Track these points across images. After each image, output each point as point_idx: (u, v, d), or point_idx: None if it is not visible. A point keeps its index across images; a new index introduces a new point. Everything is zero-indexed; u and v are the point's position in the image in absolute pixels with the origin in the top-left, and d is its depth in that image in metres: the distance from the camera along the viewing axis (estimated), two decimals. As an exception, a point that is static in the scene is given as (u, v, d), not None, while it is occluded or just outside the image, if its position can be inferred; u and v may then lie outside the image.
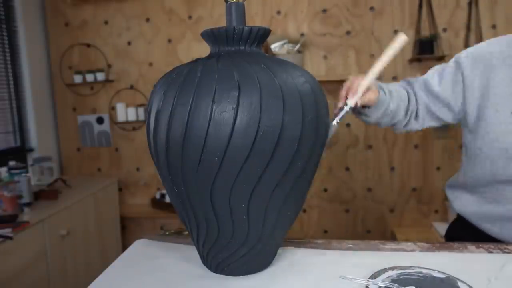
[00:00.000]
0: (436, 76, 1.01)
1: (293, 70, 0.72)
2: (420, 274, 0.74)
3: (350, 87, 0.92)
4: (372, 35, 2.57)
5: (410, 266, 0.76)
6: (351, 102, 0.90)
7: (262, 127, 0.64)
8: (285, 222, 0.77)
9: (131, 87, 2.82)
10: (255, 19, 2.65)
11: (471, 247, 0.88)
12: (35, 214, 1.88)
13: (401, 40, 0.91)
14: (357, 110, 0.99)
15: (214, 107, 0.64)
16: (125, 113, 2.78)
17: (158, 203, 2.76)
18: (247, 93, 0.64)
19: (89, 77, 2.77)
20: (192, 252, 0.87)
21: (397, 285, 0.70)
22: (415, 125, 1.06)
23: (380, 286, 0.70)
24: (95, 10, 2.80)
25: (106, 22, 2.80)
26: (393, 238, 2.61)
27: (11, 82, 2.55)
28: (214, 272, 0.81)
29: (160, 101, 0.70)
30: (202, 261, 0.84)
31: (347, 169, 2.70)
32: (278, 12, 2.65)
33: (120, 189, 2.89)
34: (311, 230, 2.79)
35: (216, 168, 0.66)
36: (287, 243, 0.93)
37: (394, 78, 2.57)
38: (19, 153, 2.56)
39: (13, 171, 1.99)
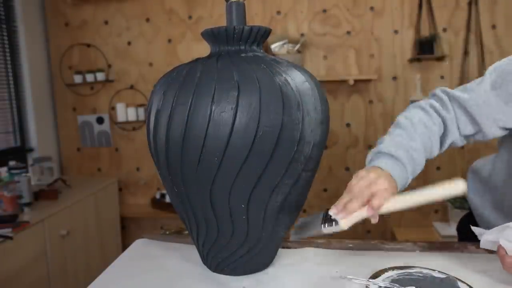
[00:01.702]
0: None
1: (293, 70, 0.72)
2: (420, 274, 0.73)
3: (367, 198, 0.71)
4: (372, 35, 2.57)
5: (410, 266, 0.76)
6: (345, 224, 0.71)
7: (262, 127, 0.64)
8: (285, 223, 0.77)
9: (131, 87, 2.82)
10: (255, 19, 2.65)
11: (471, 247, 0.88)
12: (35, 214, 1.88)
13: (458, 188, 0.71)
14: None
15: (213, 107, 0.64)
16: (125, 113, 2.77)
17: (158, 203, 2.76)
18: (246, 93, 0.64)
19: (89, 77, 2.77)
20: (192, 251, 0.87)
21: (397, 285, 0.70)
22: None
23: (380, 286, 0.70)
24: (95, 10, 2.79)
25: (106, 22, 2.80)
26: (393, 238, 2.61)
27: (11, 82, 2.55)
28: (214, 271, 0.81)
29: (160, 101, 0.70)
30: (202, 260, 0.84)
31: (347, 169, 2.70)
32: (278, 12, 2.65)
33: (120, 189, 2.89)
34: (311, 230, 2.79)
35: (215, 168, 0.66)
36: (287, 243, 0.93)
37: (394, 78, 2.57)
38: (19, 153, 2.56)
39: (13, 171, 1.99)
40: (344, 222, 0.71)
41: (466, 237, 1.00)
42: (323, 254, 0.87)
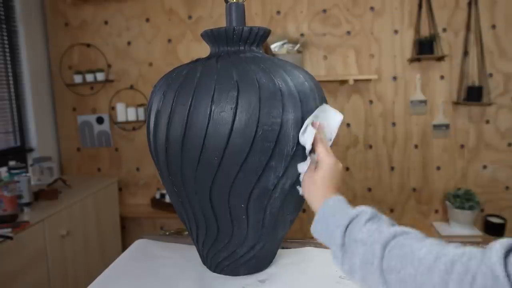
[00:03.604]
0: None
1: (292, 70, 0.73)
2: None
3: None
4: (372, 35, 2.57)
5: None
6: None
7: (261, 127, 0.64)
8: (285, 222, 0.77)
9: (131, 87, 2.82)
10: (255, 19, 2.65)
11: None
12: (35, 214, 1.88)
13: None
14: None
15: (213, 107, 0.64)
16: (125, 113, 2.78)
17: (158, 203, 2.76)
18: (246, 93, 0.65)
19: (89, 77, 2.77)
20: (192, 252, 0.87)
21: (396, 285, 0.70)
22: None
23: (379, 286, 0.70)
24: (95, 10, 2.79)
25: (106, 22, 2.80)
26: (393, 238, 2.60)
27: (11, 82, 2.55)
28: (213, 271, 0.81)
29: (160, 101, 0.70)
30: (202, 260, 0.84)
31: (347, 169, 2.70)
32: (278, 12, 2.65)
33: (120, 189, 2.89)
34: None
35: (215, 168, 0.66)
36: (287, 243, 0.93)
37: (394, 78, 2.57)
38: (19, 153, 2.56)
39: (13, 171, 1.99)
40: None
41: None
42: (323, 254, 0.87)
